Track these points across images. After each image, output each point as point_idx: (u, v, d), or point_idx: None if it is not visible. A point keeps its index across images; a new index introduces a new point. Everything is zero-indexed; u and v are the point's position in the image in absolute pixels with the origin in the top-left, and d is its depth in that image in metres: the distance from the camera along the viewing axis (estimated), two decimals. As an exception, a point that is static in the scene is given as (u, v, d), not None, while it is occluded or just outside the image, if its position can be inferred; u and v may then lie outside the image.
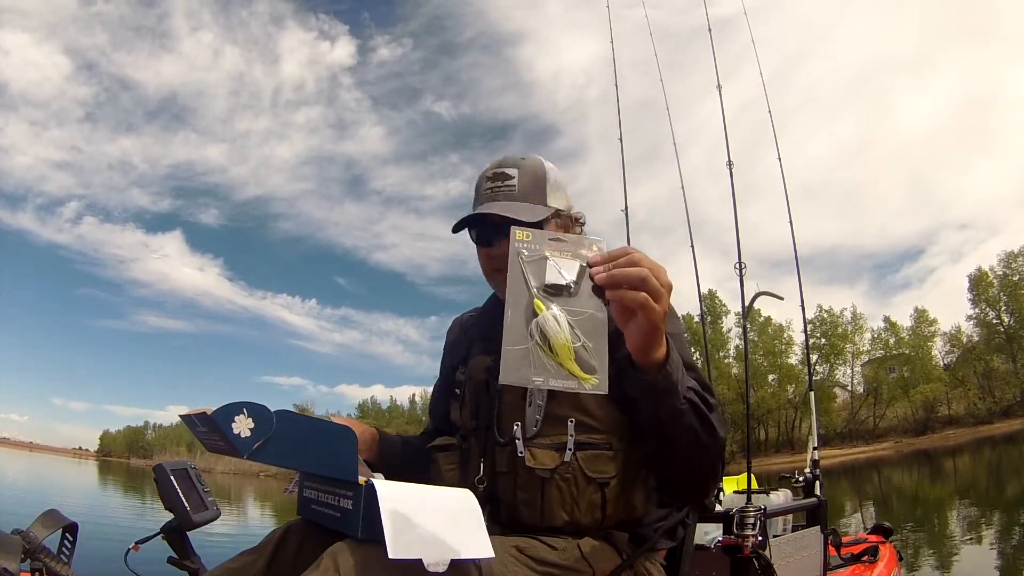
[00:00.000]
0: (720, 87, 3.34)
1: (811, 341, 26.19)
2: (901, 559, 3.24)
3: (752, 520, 2.12)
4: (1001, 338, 34.01)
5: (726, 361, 34.36)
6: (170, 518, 1.28)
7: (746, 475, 2.56)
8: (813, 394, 3.57)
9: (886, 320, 38.61)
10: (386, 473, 1.11)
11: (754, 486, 2.52)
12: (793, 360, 36.06)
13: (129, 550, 1.28)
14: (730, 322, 36.51)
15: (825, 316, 36.83)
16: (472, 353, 1.15)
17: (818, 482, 2.83)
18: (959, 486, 15.57)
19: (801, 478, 2.89)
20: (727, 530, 2.18)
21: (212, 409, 0.82)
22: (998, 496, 12.40)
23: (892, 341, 37.68)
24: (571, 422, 0.96)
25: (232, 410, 0.81)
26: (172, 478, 1.28)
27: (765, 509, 2.20)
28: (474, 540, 0.73)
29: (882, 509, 12.57)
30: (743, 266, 2.84)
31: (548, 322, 0.70)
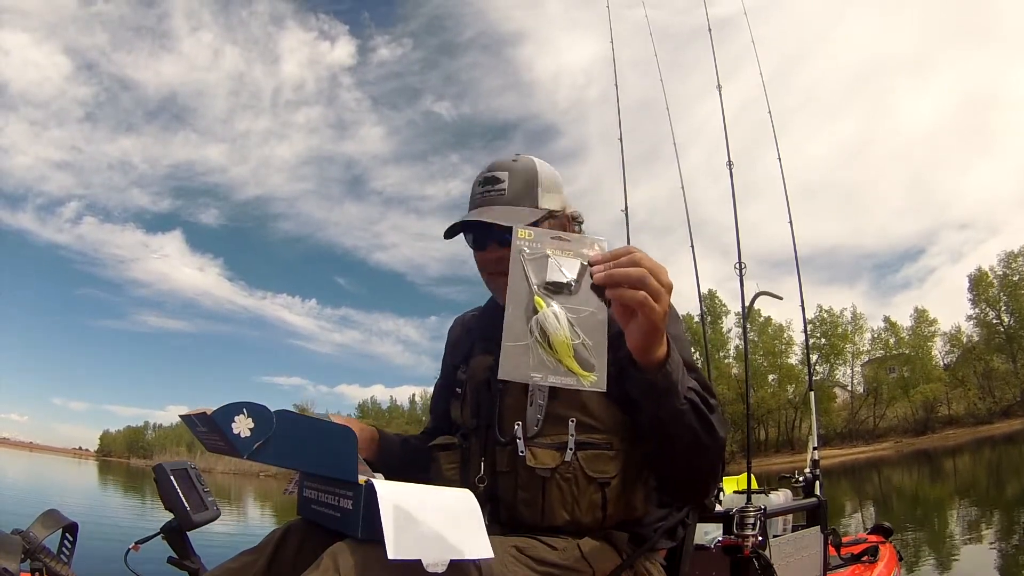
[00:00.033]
0: (720, 87, 3.33)
1: (811, 341, 26.18)
2: (901, 559, 3.24)
3: (752, 520, 2.12)
4: (1001, 338, 34.01)
5: (726, 361, 34.35)
6: (170, 518, 1.29)
7: (746, 475, 2.56)
8: (813, 394, 3.57)
9: (886, 320, 38.70)
10: (385, 472, 1.12)
11: (754, 486, 2.52)
12: (793, 360, 36.12)
13: (129, 550, 1.28)
14: (730, 322, 36.57)
15: (825, 316, 36.84)
16: (474, 352, 1.15)
17: (818, 482, 2.84)
18: (959, 486, 15.56)
19: (801, 478, 2.89)
20: (727, 530, 2.18)
21: (212, 409, 0.83)
22: (998, 496, 12.39)
23: (892, 341, 37.69)
24: (572, 422, 0.96)
25: (232, 410, 0.81)
26: (172, 478, 1.28)
27: (765, 509, 2.20)
28: (474, 540, 0.72)
29: (882, 509, 12.57)
30: (743, 266, 2.84)
31: (548, 319, 0.70)
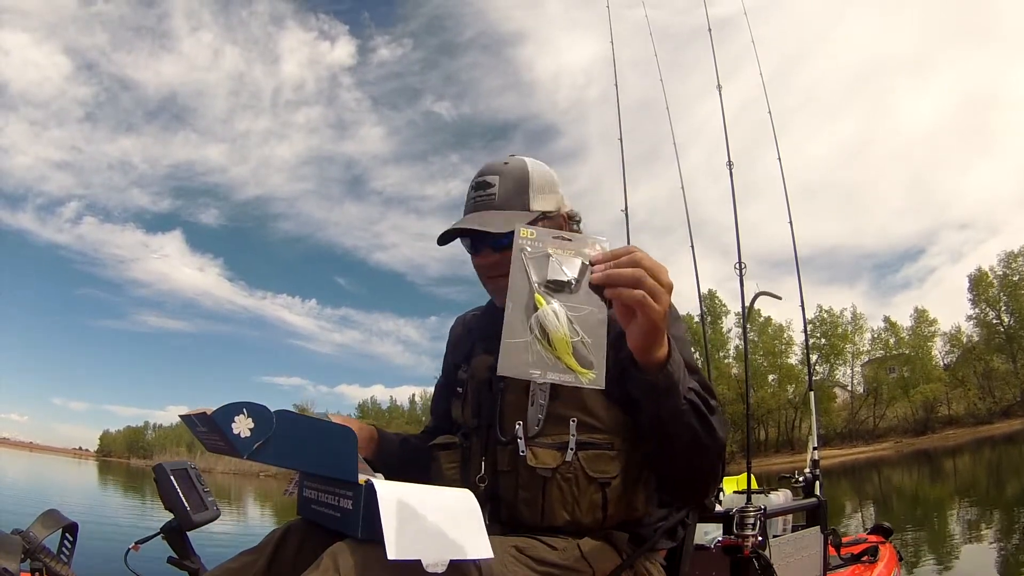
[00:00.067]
0: (720, 87, 3.33)
1: (811, 341, 26.20)
2: (901, 559, 3.24)
3: (752, 520, 2.12)
4: (1001, 338, 34.01)
5: (726, 361, 34.33)
6: (170, 518, 1.28)
7: (746, 475, 2.56)
8: (813, 394, 3.56)
9: (886, 320, 38.69)
10: (385, 472, 1.12)
11: (754, 486, 2.52)
12: (793, 360, 36.11)
13: (129, 550, 1.28)
14: (730, 322, 36.56)
15: (825, 316, 36.84)
16: (475, 352, 1.15)
17: (818, 482, 2.83)
18: (959, 486, 15.56)
19: (801, 478, 2.89)
20: (727, 530, 2.18)
21: (212, 409, 0.83)
22: (998, 496, 12.39)
23: (892, 341, 37.69)
24: (573, 422, 0.96)
25: (232, 410, 0.81)
26: (172, 478, 1.28)
27: (765, 509, 2.20)
28: (474, 540, 0.72)
29: (882, 509, 12.57)
30: (743, 266, 2.84)
31: (548, 317, 0.70)
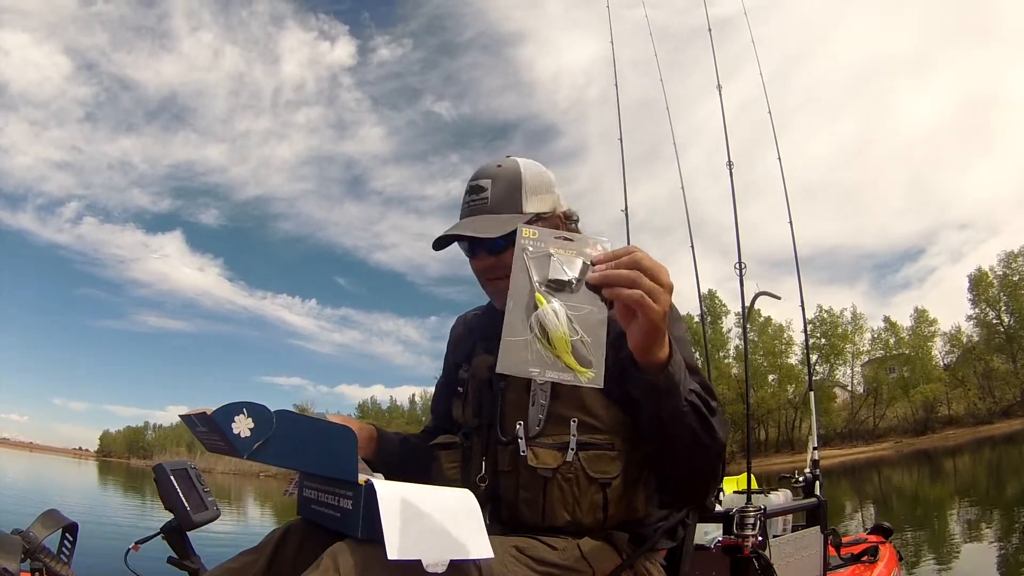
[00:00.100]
0: (720, 87, 3.32)
1: (811, 341, 26.20)
2: (901, 559, 3.24)
3: (752, 520, 2.12)
4: (1001, 338, 34.01)
5: (726, 361, 34.32)
6: (170, 518, 1.28)
7: (746, 475, 2.56)
8: (813, 394, 3.56)
9: (886, 320, 38.70)
10: (385, 472, 1.12)
11: (754, 486, 2.52)
12: (793, 360, 36.12)
13: (129, 550, 1.28)
14: (730, 322, 36.55)
15: (825, 316, 36.84)
16: (475, 351, 1.15)
17: (818, 482, 2.83)
18: (959, 486, 15.57)
19: (801, 478, 2.89)
20: (727, 530, 2.18)
21: (212, 409, 0.83)
22: (998, 496, 12.39)
23: (892, 341, 37.69)
24: (574, 422, 0.96)
25: (232, 410, 0.81)
26: (172, 478, 1.28)
27: (765, 509, 2.20)
28: (474, 540, 0.72)
29: (882, 509, 12.57)
30: (743, 266, 2.83)
31: (548, 315, 0.70)
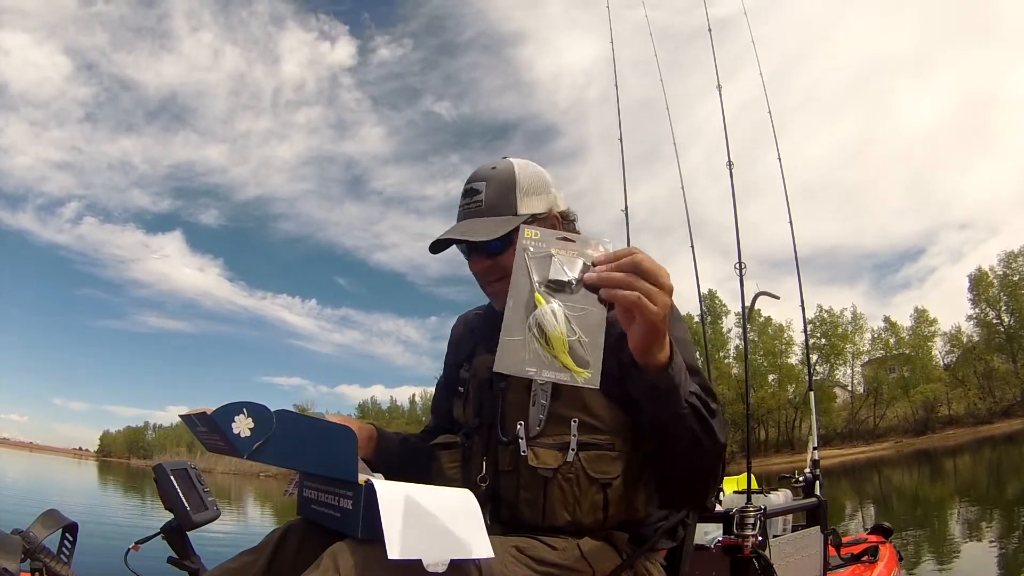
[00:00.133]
0: (720, 87, 3.32)
1: (811, 341, 26.18)
2: (901, 559, 3.24)
3: (752, 520, 2.12)
4: (1001, 338, 34.01)
5: (726, 361, 34.34)
6: (170, 518, 1.28)
7: (746, 475, 2.56)
8: (813, 394, 3.56)
9: (886, 320, 38.72)
10: (385, 471, 1.12)
11: (754, 486, 2.52)
12: (793, 360, 36.12)
13: (129, 550, 1.28)
14: (730, 322, 36.55)
15: (825, 316, 36.85)
16: (476, 351, 1.15)
17: (818, 482, 2.83)
18: (959, 486, 15.57)
19: (801, 478, 2.89)
20: (727, 530, 2.18)
21: (212, 409, 0.83)
22: (998, 496, 12.39)
23: (892, 341, 37.71)
24: (574, 422, 0.95)
25: (232, 410, 0.81)
26: (172, 478, 1.28)
27: (765, 509, 2.20)
28: (474, 540, 0.72)
29: (882, 509, 12.57)
30: (743, 266, 2.83)
31: (546, 315, 0.71)
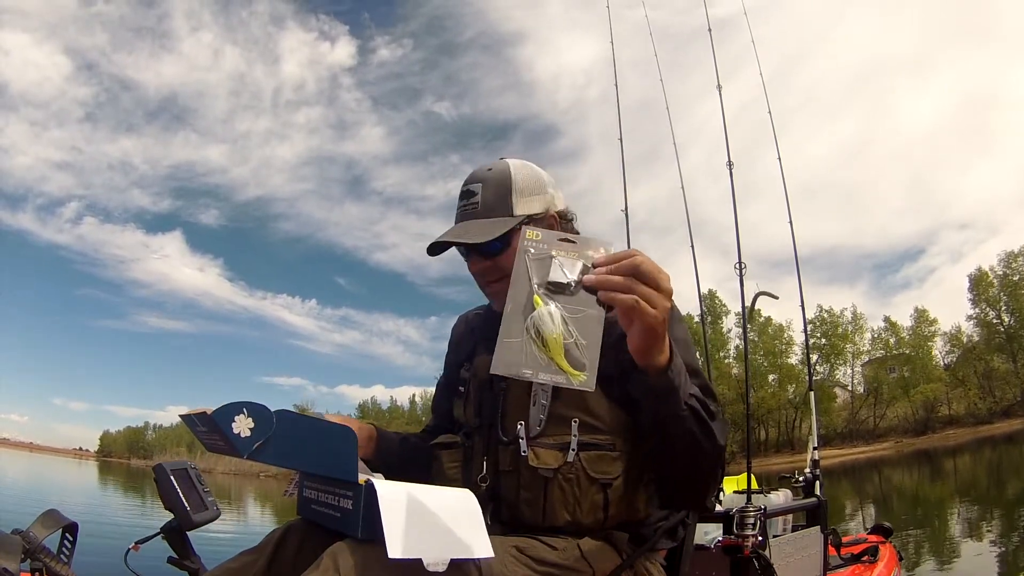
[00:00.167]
0: (720, 87, 3.33)
1: (811, 341, 26.16)
2: (901, 559, 3.24)
3: (752, 520, 2.12)
4: (1001, 338, 34.00)
5: (726, 361, 34.35)
6: (170, 518, 1.29)
7: (746, 475, 2.56)
8: (813, 394, 3.57)
9: (886, 320, 38.71)
10: (384, 471, 1.12)
11: (754, 486, 2.52)
12: (793, 360, 36.10)
13: (129, 550, 1.28)
14: (730, 322, 36.53)
15: (825, 316, 36.84)
16: (477, 351, 1.14)
17: (818, 482, 2.84)
18: (959, 486, 15.57)
19: (801, 478, 2.89)
20: (727, 530, 2.18)
21: (212, 409, 0.83)
22: (998, 496, 12.39)
23: (892, 341, 37.69)
24: (575, 422, 0.95)
25: (232, 410, 0.81)
26: (172, 478, 1.28)
27: (765, 509, 2.20)
28: (474, 540, 0.72)
29: (882, 509, 12.57)
30: (743, 266, 2.84)
31: (543, 317, 0.71)
